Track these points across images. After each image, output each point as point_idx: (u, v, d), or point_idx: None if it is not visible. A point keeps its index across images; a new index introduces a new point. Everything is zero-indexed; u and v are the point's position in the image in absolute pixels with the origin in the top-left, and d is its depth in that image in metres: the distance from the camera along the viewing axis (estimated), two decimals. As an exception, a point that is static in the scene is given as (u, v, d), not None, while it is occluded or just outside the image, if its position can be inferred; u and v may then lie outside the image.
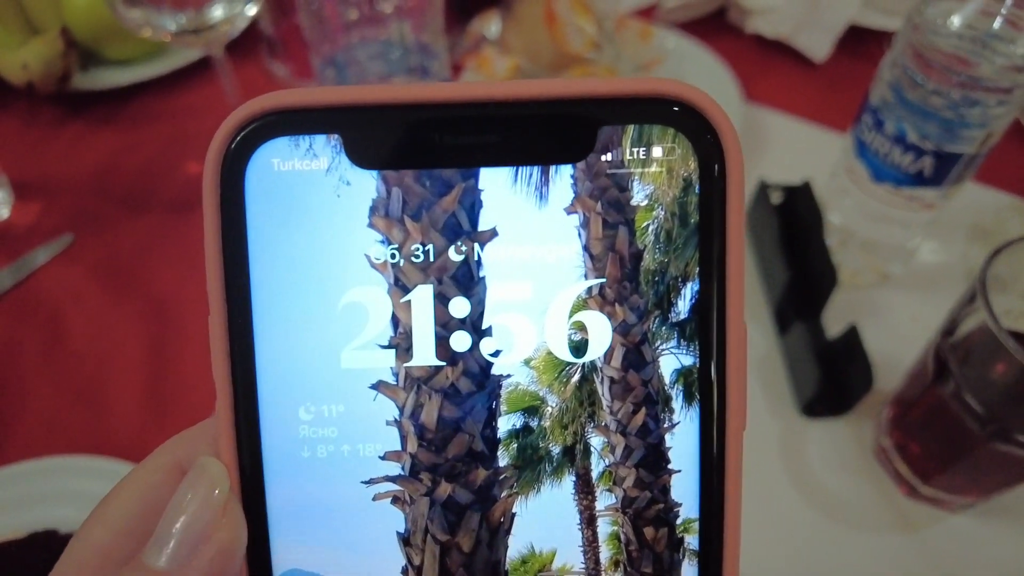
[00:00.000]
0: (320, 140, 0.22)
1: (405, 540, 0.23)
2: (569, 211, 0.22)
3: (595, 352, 0.23)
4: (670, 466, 0.23)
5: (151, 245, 0.68)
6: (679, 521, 0.23)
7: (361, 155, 0.22)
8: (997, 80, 0.45)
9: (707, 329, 0.22)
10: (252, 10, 0.63)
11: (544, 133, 0.22)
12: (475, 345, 0.23)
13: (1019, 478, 0.45)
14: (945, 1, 0.46)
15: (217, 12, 0.62)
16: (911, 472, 0.50)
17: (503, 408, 0.23)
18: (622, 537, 0.23)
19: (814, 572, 0.49)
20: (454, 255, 0.22)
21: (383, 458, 0.23)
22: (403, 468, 0.23)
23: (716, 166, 0.21)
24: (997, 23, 0.44)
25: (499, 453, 0.23)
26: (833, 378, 0.54)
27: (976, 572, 0.48)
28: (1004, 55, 0.44)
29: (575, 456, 0.23)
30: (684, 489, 0.23)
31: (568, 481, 0.23)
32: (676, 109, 0.21)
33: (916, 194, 0.53)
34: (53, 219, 0.70)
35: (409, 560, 0.23)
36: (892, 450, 0.51)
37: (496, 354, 0.23)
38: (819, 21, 0.80)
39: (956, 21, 0.46)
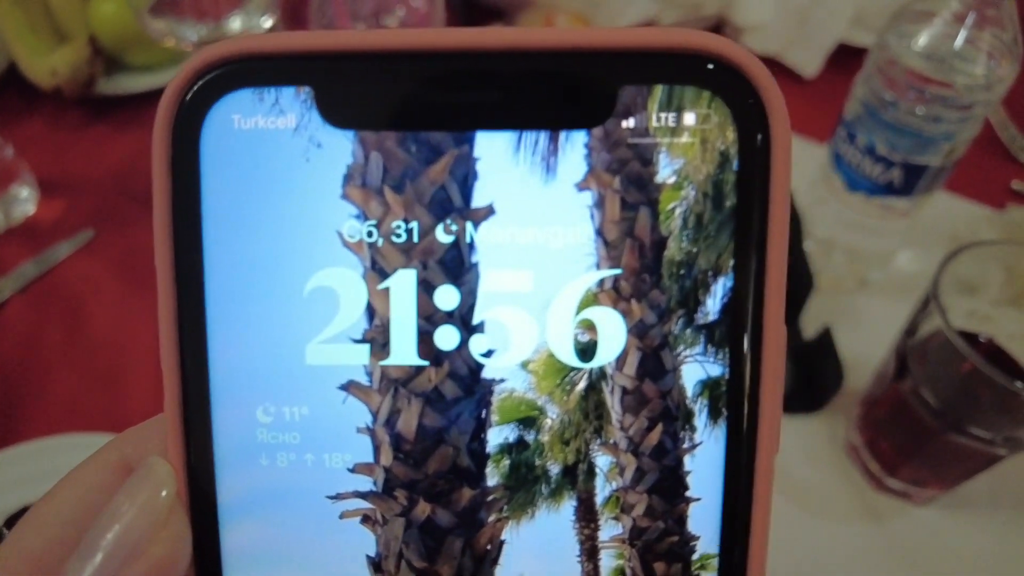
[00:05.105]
0: (288, 93, 0.16)
1: (376, 565, 0.17)
2: (581, 187, 0.16)
3: (605, 356, 0.16)
4: (688, 493, 0.16)
5: (166, 241, 0.62)
6: (695, 556, 0.17)
7: (336, 112, 0.16)
8: (958, 98, 0.42)
9: (740, 333, 0.16)
10: (268, 23, 0.58)
11: (554, 92, 0.16)
12: (464, 343, 0.16)
13: (975, 469, 0.42)
14: (911, 23, 0.43)
15: (235, 24, 0.57)
16: (879, 467, 0.46)
17: (494, 418, 0.17)
18: (628, 572, 0.17)
19: (785, 560, 0.45)
20: (442, 235, 0.16)
21: (352, 471, 0.17)
22: (375, 483, 0.17)
23: (759, 137, 0.15)
24: (958, 43, 0.41)
25: (488, 471, 0.17)
26: (807, 376, 0.50)
27: (938, 561, 0.44)
28: (965, 74, 0.41)
29: (577, 478, 0.17)
30: (704, 520, 0.16)
31: (567, 506, 0.17)
32: (713, 68, 0.15)
33: (888, 203, 0.50)
34: (76, 215, 0.65)
35: None
36: (861, 446, 0.47)
37: (488, 354, 0.16)
38: (809, 39, 0.74)
39: (921, 42, 0.42)
